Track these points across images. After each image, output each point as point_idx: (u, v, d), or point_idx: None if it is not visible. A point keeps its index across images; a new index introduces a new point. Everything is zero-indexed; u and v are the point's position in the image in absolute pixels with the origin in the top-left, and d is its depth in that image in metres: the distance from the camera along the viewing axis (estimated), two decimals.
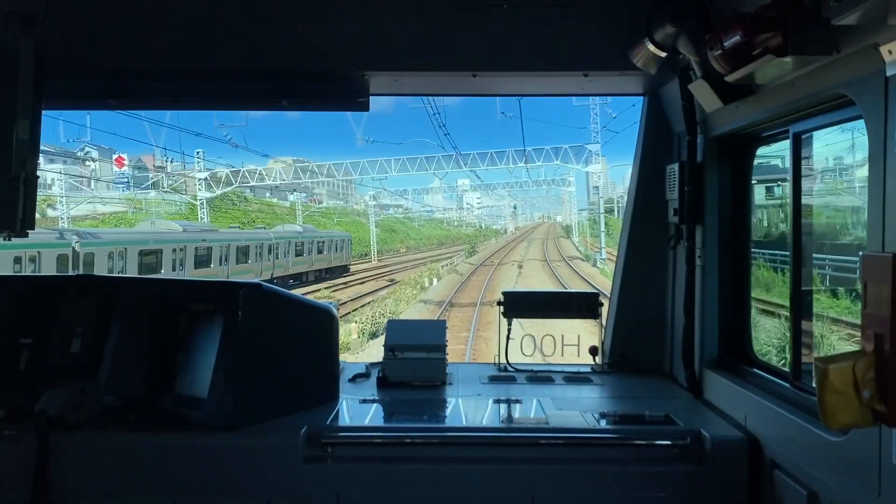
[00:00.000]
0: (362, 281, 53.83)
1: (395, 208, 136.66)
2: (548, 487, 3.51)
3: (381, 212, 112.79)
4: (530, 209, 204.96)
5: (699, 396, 4.25)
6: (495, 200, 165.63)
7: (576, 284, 38.48)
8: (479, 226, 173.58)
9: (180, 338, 3.92)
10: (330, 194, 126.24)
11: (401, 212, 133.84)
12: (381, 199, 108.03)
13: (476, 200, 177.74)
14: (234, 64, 4.31)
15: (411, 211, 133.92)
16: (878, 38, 2.39)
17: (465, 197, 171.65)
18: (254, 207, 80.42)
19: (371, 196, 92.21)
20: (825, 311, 11.50)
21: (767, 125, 3.66)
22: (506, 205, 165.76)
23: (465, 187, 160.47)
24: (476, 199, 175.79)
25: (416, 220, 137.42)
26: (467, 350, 20.94)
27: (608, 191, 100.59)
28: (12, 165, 3.81)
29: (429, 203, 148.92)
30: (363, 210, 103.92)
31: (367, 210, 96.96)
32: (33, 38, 3.82)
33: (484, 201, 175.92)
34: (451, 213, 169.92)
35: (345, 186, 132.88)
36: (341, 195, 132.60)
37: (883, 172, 2.47)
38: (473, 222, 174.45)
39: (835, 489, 2.83)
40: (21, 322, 4.16)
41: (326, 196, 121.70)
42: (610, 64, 4.22)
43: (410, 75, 4.47)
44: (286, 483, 3.51)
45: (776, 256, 8.27)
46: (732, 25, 2.87)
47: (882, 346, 2.27)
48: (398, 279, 52.35)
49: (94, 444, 3.56)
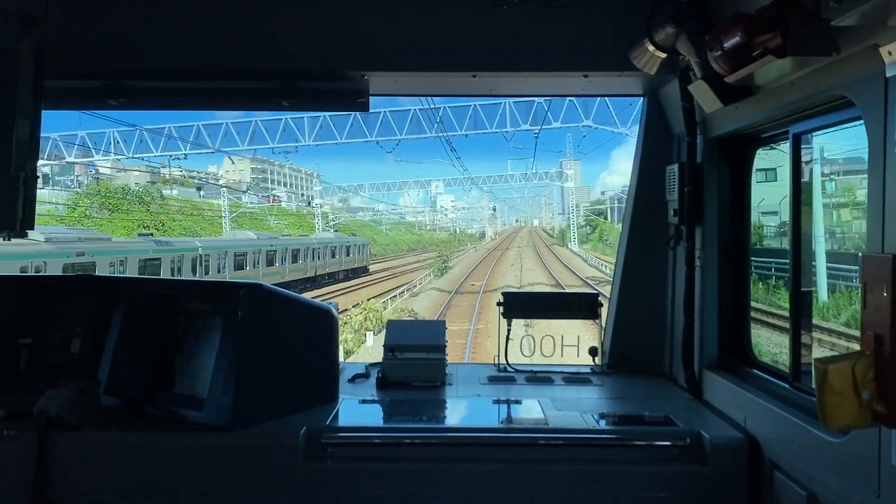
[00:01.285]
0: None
1: (367, 211, 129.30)
2: (547, 488, 3.51)
3: (344, 215, 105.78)
4: (508, 212, 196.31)
5: (699, 397, 4.25)
6: (471, 202, 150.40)
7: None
8: (454, 230, 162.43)
9: (180, 338, 3.92)
10: (291, 196, 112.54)
11: (370, 215, 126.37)
12: (352, 202, 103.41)
13: (450, 203, 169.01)
14: (234, 64, 4.31)
15: (382, 213, 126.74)
16: (877, 39, 2.39)
17: (440, 199, 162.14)
18: (174, 208, 70.66)
19: (339, 199, 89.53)
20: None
21: (767, 126, 3.66)
22: (484, 206, 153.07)
23: (440, 189, 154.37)
24: (451, 201, 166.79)
25: (385, 222, 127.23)
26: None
27: (583, 195, 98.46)
28: (12, 165, 3.81)
29: (402, 205, 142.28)
30: (326, 212, 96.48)
31: (328, 212, 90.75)
32: (33, 38, 3.82)
33: (458, 204, 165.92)
34: (423, 215, 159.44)
35: (307, 186, 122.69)
36: (304, 196, 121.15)
37: (883, 173, 2.47)
38: (448, 226, 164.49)
39: (834, 490, 2.83)
40: (21, 322, 4.16)
41: (286, 198, 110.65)
42: (610, 64, 4.22)
43: (410, 75, 4.47)
44: (286, 483, 3.51)
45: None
46: (732, 26, 2.87)
47: (881, 348, 2.27)
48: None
49: (93, 445, 3.56)
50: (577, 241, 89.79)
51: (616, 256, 5.34)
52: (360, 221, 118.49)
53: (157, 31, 4.28)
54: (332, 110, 5.87)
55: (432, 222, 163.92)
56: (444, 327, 4.80)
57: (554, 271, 55.06)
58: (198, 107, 4.88)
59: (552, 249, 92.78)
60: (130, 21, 4.27)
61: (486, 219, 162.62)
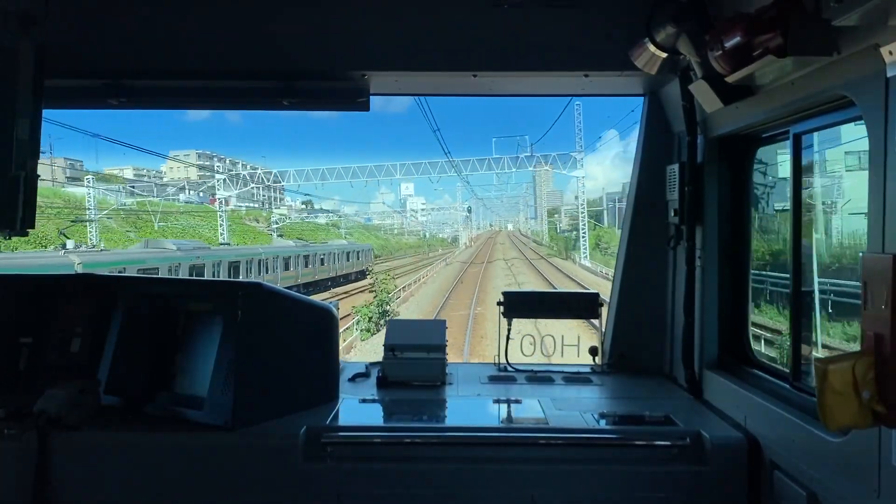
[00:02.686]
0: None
1: (331, 214, 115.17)
2: (547, 488, 3.51)
3: (293, 217, 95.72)
4: (482, 214, 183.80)
5: (699, 397, 4.25)
6: (443, 203, 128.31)
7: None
8: (424, 234, 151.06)
9: (180, 337, 3.92)
10: (242, 197, 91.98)
11: (332, 217, 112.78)
12: (324, 204, 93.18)
13: (421, 205, 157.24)
14: (235, 64, 4.31)
15: (348, 217, 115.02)
16: (878, 38, 2.39)
17: (410, 202, 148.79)
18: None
19: (302, 202, 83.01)
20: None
21: (768, 126, 3.66)
22: (457, 207, 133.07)
23: (409, 190, 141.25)
24: (421, 203, 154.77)
25: (347, 226, 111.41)
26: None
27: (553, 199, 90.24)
28: (12, 165, 3.81)
29: (372, 210, 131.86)
30: (284, 213, 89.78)
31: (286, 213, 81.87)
32: (33, 37, 3.82)
33: (430, 206, 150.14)
34: (392, 218, 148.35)
35: (265, 187, 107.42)
36: (257, 197, 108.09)
37: (883, 173, 2.47)
38: (417, 230, 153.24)
39: (834, 490, 2.83)
40: (21, 322, 4.16)
41: (237, 199, 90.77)
42: (610, 64, 4.22)
43: (410, 75, 4.47)
44: (286, 483, 3.51)
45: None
46: (733, 26, 2.87)
47: (882, 347, 2.27)
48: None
49: (93, 444, 3.56)
50: (587, 252, 68.14)
51: (616, 256, 5.35)
52: (313, 224, 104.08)
53: (158, 30, 4.28)
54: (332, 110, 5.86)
55: (401, 225, 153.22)
56: (445, 327, 4.80)
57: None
58: (198, 106, 4.88)
59: (550, 264, 71.68)
60: (131, 21, 4.27)
61: (461, 222, 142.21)
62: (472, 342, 27.01)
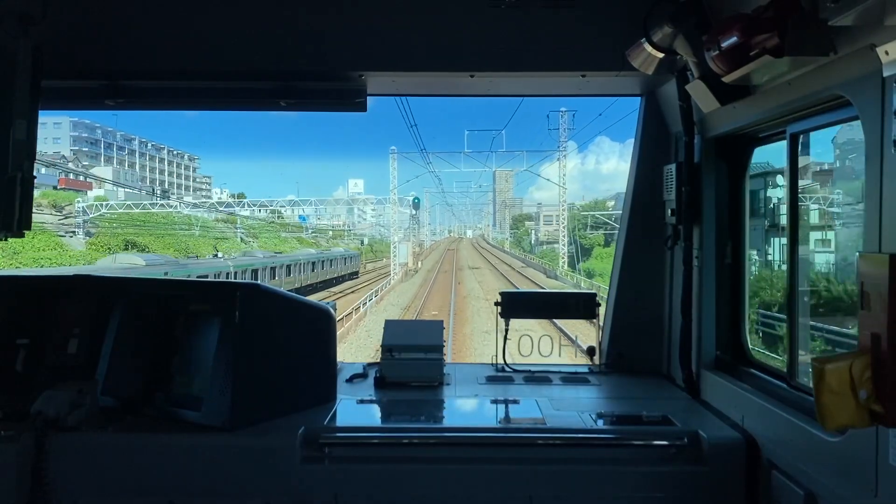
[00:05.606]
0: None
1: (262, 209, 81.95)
2: (545, 488, 3.51)
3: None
4: (439, 219, 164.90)
5: (697, 397, 4.25)
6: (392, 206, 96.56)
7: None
8: (368, 238, 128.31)
9: (178, 338, 3.91)
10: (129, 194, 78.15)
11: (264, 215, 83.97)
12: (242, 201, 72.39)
13: (371, 209, 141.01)
14: (232, 64, 4.31)
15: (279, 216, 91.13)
16: (874, 38, 2.40)
17: (357, 204, 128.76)
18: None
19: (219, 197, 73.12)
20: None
21: (764, 126, 3.67)
22: (394, 198, 74.30)
23: (359, 188, 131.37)
24: (371, 209, 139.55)
25: (261, 228, 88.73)
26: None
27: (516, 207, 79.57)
28: (9, 166, 3.81)
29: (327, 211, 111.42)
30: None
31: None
32: (31, 38, 3.82)
33: (379, 208, 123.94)
34: (336, 220, 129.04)
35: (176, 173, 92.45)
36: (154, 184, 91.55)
37: (880, 173, 2.47)
38: (364, 233, 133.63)
39: (832, 489, 2.84)
40: (18, 322, 4.15)
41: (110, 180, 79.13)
42: (608, 64, 4.23)
43: (408, 75, 4.47)
44: (283, 483, 3.50)
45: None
46: (729, 26, 2.87)
47: (879, 347, 2.27)
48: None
49: (91, 445, 3.55)
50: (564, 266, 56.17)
51: (614, 256, 5.35)
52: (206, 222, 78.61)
53: (155, 31, 4.28)
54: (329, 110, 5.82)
55: (346, 225, 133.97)
56: (442, 327, 4.80)
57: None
58: (196, 107, 4.87)
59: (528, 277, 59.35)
60: (128, 21, 4.26)
61: (401, 225, 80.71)
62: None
